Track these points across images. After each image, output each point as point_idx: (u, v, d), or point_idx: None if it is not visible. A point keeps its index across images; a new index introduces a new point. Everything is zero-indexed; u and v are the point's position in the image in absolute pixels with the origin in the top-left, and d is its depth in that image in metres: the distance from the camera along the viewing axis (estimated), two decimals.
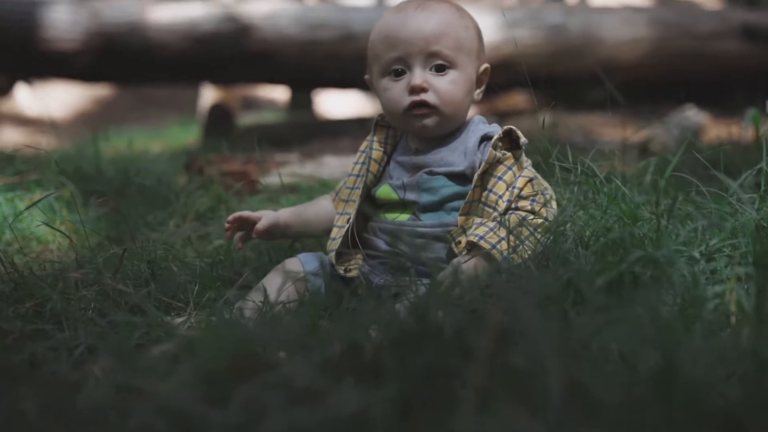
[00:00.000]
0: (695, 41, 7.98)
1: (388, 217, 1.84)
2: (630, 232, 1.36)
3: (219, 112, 9.02)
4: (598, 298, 1.21)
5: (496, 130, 1.80)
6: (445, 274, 1.52)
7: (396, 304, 1.43)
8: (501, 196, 1.71)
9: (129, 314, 1.58)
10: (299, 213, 1.99)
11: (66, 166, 3.30)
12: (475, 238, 1.64)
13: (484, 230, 1.65)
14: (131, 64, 7.58)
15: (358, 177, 1.92)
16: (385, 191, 1.85)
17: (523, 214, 1.67)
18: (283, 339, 1.03)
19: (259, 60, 7.58)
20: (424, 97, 1.76)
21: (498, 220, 1.66)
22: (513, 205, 1.70)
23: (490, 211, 1.71)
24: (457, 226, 1.74)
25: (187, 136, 9.45)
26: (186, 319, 1.62)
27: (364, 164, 1.91)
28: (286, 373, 0.90)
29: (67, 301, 1.57)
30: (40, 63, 7.31)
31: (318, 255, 1.91)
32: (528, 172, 1.76)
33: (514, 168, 1.74)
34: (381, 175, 1.90)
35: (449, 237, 1.71)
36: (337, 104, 12.25)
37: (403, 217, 1.82)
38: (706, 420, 0.81)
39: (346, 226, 1.85)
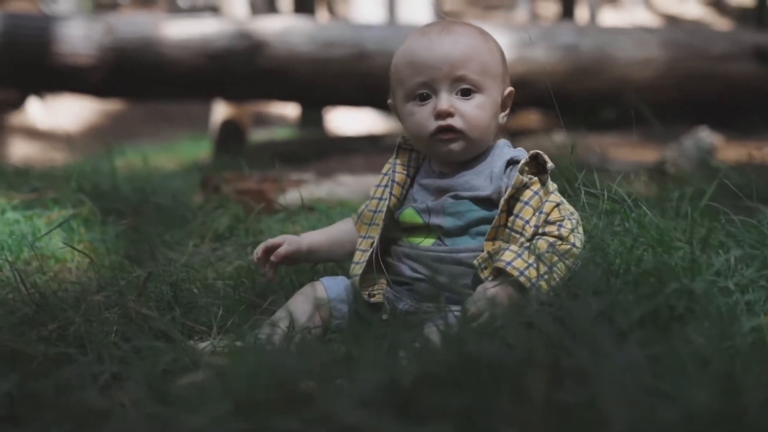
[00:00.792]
0: (707, 62, 7.97)
1: (412, 242, 1.82)
2: (664, 262, 1.34)
3: (231, 128, 9.05)
4: (636, 332, 1.18)
5: (523, 155, 1.78)
6: (474, 302, 1.50)
7: (426, 330, 1.41)
8: (528, 221, 1.68)
9: (152, 338, 1.56)
10: (322, 237, 1.96)
11: (81, 182, 3.30)
12: (503, 264, 1.61)
13: (511, 256, 1.62)
14: (144, 80, 7.60)
15: (381, 200, 1.89)
16: (409, 215, 1.83)
17: (551, 239, 1.65)
18: (318, 370, 1.01)
19: (271, 77, 7.60)
20: (451, 122, 1.74)
21: (525, 245, 1.63)
22: (540, 231, 1.68)
23: (517, 236, 1.69)
24: (483, 251, 1.72)
25: (199, 151, 9.48)
26: (210, 344, 1.60)
27: (386, 187, 1.89)
28: (326, 409, 0.88)
29: (90, 324, 1.55)
30: (55, 78, 7.34)
31: (341, 279, 1.89)
32: (555, 197, 1.74)
33: (541, 193, 1.72)
34: (404, 198, 1.88)
35: (476, 263, 1.69)
36: (347, 121, 12.25)
37: (428, 242, 1.80)
38: None
39: (370, 250, 1.83)
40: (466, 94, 1.75)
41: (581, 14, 17.26)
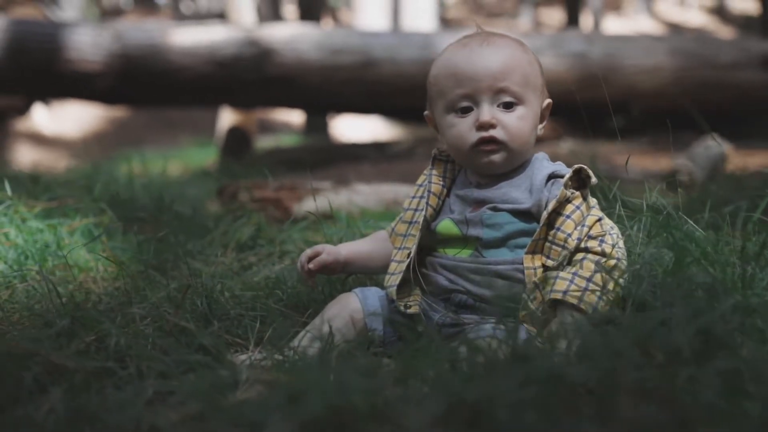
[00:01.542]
0: (715, 71, 7.96)
1: (449, 253, 1.80)
2: (717, 277, 1.32)
3: (237, 135, 9.04)
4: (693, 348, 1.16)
5: (562, 169, 1.77)
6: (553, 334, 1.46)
7: (479, 343, 1.37)
8: (570, 235, 1.67)
9: (192, 351, 1.54)
10: (359, 249, 1.94)
11: (100, 190, 3.28)
12: (560, 295, 1.60)
13: (564, 284, 1.60)
14: (152, 86, 7.59)
15: (417, 211, 1.87)
16: (446, 226, 1.81)
17: (596, 257, 1.64)
18: (381, 389, 0.98)
19: (279, 84, 7.58)
20: (493, 133, 1.72)
21: (573, 270, 1.62)
22: (582, 245, 1.66)
23: (558, 249, 1.67)
24: (521, 263, 1.70)
25: (205, 157, 9.46)
26: (248, 357, 1.58)
27: (422, 198, 1.87)
28: (397, 428, 0.86)
29: (128, 337, 1.52)
30: (63, 84, 7.32)
31: (374, 290, 1.87)
32: (596, 212, 1.72)
33: (583, 207, 1.71)
34: (440, 209, 1.86)
35: (535, 282, 1.67)
36: (351, 128, 12.25)
37: (465, 253, 1.78)
38: None
39: (407, 261, 1.81)
40: (508, 106, 1.74)
41: (585, 22, 17.28)
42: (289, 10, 15.19)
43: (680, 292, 1.37)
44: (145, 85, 7.59)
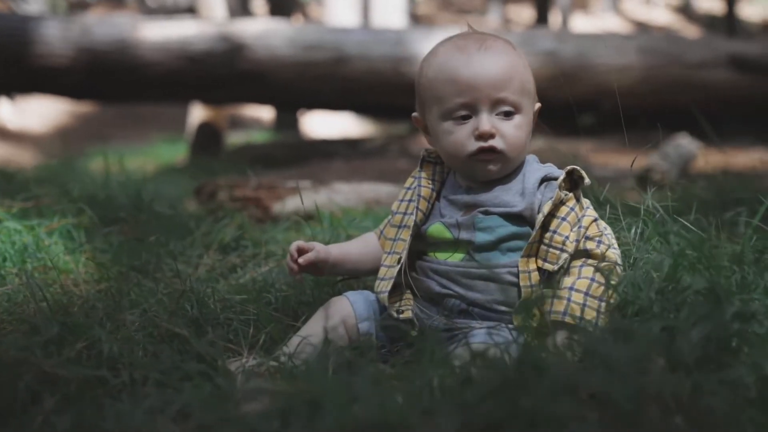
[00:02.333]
0: (684, 70, 8.04)
1: (440, 257, 1.78)
2: (718, 283, 1.32)
3: (208, 131, 8.93)
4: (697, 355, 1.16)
5: (553, 170, 1.76)
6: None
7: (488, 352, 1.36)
8: (567, 237, 1.67)
9: (182, 356, 1.51)
10: (348, 251, 1.92)
11: (75, 188, 3.22)
12: (559, 317, 1.59)
13: (563, 305, 1.60)
14: (122, 82, 7.47)
15: (406, 215, 1.85)
16: (437, 230, 1.79)
17: (595, 262, 1.65)
18: (395, 402, 0.96)
19: (251, 80, 7.50)
20: (492, 143, 1.71)
21: (570, 284, 1.62)
22: (581, 246, 1.67)
23: (557, 252, 1.67)
24: (515, 267, 1.70)
25: (175, 153, 9.35)
26: (241, 364, 1.55)
27: (411, 201, 1.85)
28: None
29: (120, 343, 1.49)
30: (31, 79, 7.19)
31: (365, 294, 1.85)
32: (591, 212, 1.73)
33: (576, 208, 1.71)
34: (430, 213, 1.84)
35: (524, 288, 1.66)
36: (322, 124, 12.19)
37: (456, 257, 1.77)
38: None
39: (397, 267, 1.79)
40: (507, 115, 1.73)
41: (554, 19, 17.38)
42: (258, 4, 15.07)
43: (680, 298, 1.37)
44: (115, 81, 7.47)
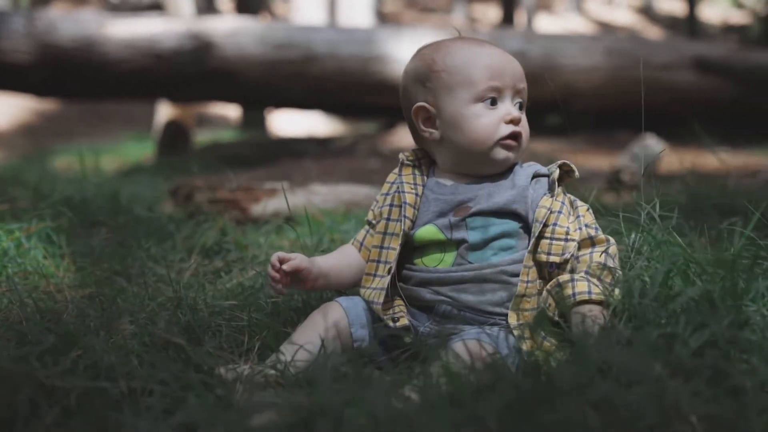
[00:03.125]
0: (650, 71, 8.14)
1: (428, 264, 1.78)
2: (714, 289, 1.35)
3: (175, 129, 8.85)
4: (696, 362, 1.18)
5: (542, 167, 1.80)
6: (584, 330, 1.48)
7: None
8: (568, 227, 1.72)
9: (178, 366, 1.50)
10: (330, 263, 1.86)
11: (42, 188, 3.18)
12: (586, 296, 1.61)
13: (585, 285, 1.62)
14: (88, 79, 7.37)
15: (390, 221, 1.83)
16: (429, 231, 1.78)
17: (601, 248, 1.70)
18: (411, 415, 0.97)
19: (220, 78, 7.44)
20: (521, 130, 1.77)
21: (584, 272, 1.66)
22: (585, 233, 1.72)
23: (561, 243, 1.70)
24: (507, 266, 1.71)
25: (142, 152, 9.25)
26: (234, 371, 1.54)
27: (393, 206, 1.83)
28: None
29: (116, 353, 1.47)
30: None
31: (357, 299, 1.83)
32: (581, 202, 1.79)
33: (566, 201, 1.76)
34: (416, 218, 1.83)
35: (548, 288, 1.69)
36: (289, 123, 12.14)
37: (446, 262, 1.76)
38: None
39: (387, 277, 1.78)
40: (520, 108, 1.79)
41: (519, 19, 17.50)
42: (223, 1, 14.96)
43: (673, 304, 1.40)
44: (81, 78, 7.38)
